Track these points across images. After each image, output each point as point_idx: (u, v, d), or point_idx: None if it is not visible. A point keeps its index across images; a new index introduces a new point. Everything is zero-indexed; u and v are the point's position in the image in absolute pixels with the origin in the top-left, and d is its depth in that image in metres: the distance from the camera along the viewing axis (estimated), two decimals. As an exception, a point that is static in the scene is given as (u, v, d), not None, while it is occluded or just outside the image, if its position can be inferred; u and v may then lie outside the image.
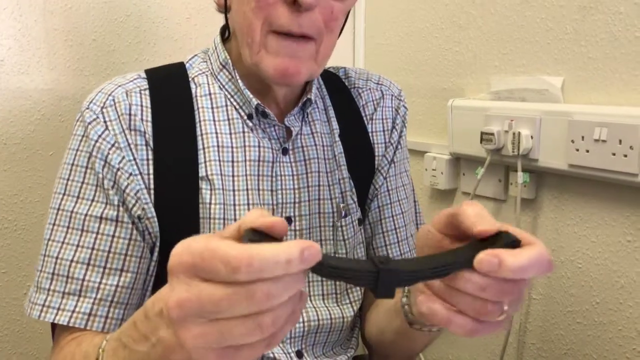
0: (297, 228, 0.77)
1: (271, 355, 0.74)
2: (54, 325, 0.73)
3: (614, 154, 0.90)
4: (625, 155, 0.89)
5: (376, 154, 0.86)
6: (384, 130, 0.87)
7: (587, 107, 0.97)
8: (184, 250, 0.43)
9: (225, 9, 0.76)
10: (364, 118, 0.87)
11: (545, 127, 1.02)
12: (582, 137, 0.95)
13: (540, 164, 1.04)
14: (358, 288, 0.83)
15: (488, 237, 0.49)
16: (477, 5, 1.20)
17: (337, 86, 0.87)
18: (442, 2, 1.28)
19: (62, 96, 1.19)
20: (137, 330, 0.51)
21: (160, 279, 0.72)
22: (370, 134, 0.86)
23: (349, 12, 0.77)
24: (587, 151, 0.94)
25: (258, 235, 0.44)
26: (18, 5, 1.14)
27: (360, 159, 0.85)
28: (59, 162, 1.20)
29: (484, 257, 0.45)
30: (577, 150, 0.95)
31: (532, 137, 1.03)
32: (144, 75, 0.76)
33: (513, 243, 0.48)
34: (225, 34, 0.80)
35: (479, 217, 0.50)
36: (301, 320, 0.75)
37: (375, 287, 0.45)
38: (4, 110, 1.15)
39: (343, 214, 0.81)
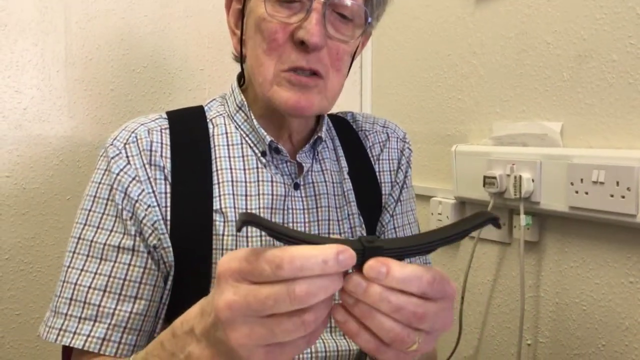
0: None
1: None
2: (65, 349, 0.76)
3: (612, 196, 0.92)
4: (623, 197, 0.91)
5: (383, 192, 0.90)
6: (390, 170, 0.90)
7: (585, 151, 0.99)
8: (230, 257, 0.48)
9: (241, 58, 0.81)
10: (371, 158, 0.90)
11: (545, 170, 1.04)
12: (581, 180, 0.97)
13: (542, 206, 1.06)
14: None
15: (470, 216, 0.52)
16: (477, 55, 1.24)
17: (346, 129, 0.91)
18: (445, 53, 1.34)
19: (81, 143, 1.25)
20: (164, 350, 0.55)
21: (173, 308, 0.75)
22: (377, 174, 0.90)
23: (355, 54, 0.82)
24: (587, 193, 0.96)
25: (255, 218, 0.47)
26: (42, 57, 1.21)
27: (369, 196, 0.88)
28: (75, 206, 1.25)
29: (374, 264, 0.47)
30: (577, 192, 0.98)
31: (533, 181, 1.06)
32: (165, 115, 0.81)
33: (493, 220, 0.51)
34: (241, 81, 0.85)
35: None
36: (309, 350, 0.77)
37: (362, 263, 0.48)
38: (24, 156, 1.20)
39: None
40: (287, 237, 0.48)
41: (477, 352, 1.28)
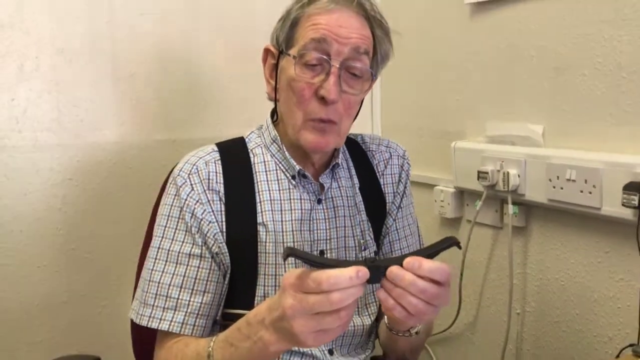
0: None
1: (310, 352, 0.97)
2: (133, 323, 0.95)
3: (581, 191, 1.10)
4: (590, 192, 1.09)
5: (387, 201, 1.09)
6: (392, 183, 1.10)
7: (560, 152, 1.17)
8: (290, 275, 0.71)
9: (275, 100, 1.00)
10: (377, 174, 1.10)
11: (529, 167, 1.22)
12: (557, 177, 1.15)
13: (527, 198, 1.24)
14: (375, 303, 1.05)
15: (440, 241, 0.77)
16: (473, 62, 1.41)
17: (357, 150, 1.11)
18: (445, 59, 1.50)
19: (130, 147, 1.44)
20: (241, 333, 0.79)
21: (229, 298, 0.96)
22: (382, 186, 1.09)
23: (363, 99, 1.01)
24: (562, 188, 1.14)
25: (295, 251, 0.72)
26: (93, 75, 1.40)
27: (375, 205, 1.09)
28: (127, 203, 1.47)
29: (411, 260, 0.71)
30: (554, 187, 1.16)
31: (519, 176, 1.24)
32: (216, 148, 1.01)
33: (457, 243, 0.75)
34: (274, 117, 1.04)
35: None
36: None
37: (370, 276, 0.71)
38: (83, 160, 1.40)
39: (363, 248, 1.04)
40: (317, 263, 0.72)
41: (475, 320, 1.48)
